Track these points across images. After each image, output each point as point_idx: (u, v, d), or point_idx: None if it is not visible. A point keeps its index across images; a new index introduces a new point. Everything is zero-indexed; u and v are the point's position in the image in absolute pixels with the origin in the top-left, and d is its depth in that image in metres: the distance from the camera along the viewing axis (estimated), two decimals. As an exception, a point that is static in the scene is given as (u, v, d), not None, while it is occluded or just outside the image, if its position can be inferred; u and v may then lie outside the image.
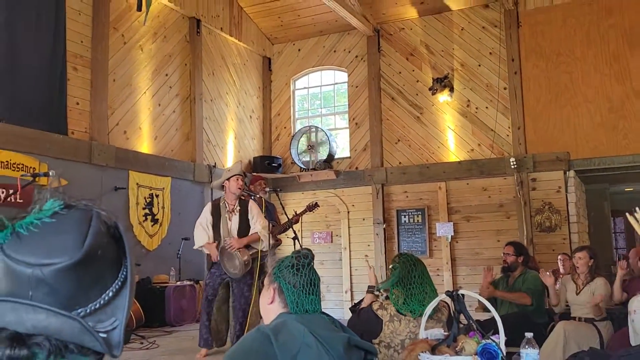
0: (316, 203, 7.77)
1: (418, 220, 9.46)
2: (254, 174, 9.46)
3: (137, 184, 7.69)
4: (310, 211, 7.57)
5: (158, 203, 8.04)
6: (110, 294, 0.90)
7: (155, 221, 7.95)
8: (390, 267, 3.19)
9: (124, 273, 0.92)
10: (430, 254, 9.28)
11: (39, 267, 0.83)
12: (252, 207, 5.76)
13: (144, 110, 8.04)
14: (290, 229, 6.64)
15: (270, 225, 6.15)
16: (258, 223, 5.65)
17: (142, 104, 8.03)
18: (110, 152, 7.29)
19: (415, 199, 9.54)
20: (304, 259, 2.09)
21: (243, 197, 5.83)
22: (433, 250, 9.31)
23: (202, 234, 5.60)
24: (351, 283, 9.75)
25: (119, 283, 0.91)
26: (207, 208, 5.72)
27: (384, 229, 9.60)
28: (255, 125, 10.64)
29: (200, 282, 7.74)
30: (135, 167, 7.68)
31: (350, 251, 9.85)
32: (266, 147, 10.73)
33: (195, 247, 5.74)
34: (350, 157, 10.17)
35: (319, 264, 9.89)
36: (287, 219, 6.78)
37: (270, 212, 6.85)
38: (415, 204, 9.53)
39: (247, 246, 5.63)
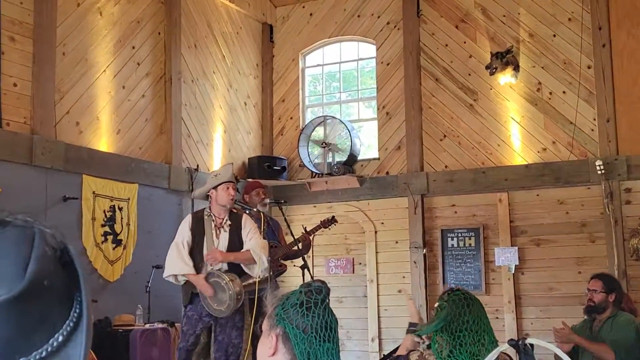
0: (333, 217, 7.76)
1: (470, 244, 9.42)
2: (250, 180, 9.45)
3: (94, 192, 7.72)
4: (325, 228, 7.56)
5: (121, 218, 8.05)
6: (60, 338, 0.90)
7: (117, 242, 7.97)
8: (435, 305, 3.20)
9: (77, 310, 0.93)
10: (487, 290, 9.23)
11: None
12: (247, 221, 5.85)
13: (103, 94, 8.08)
14: (300, 255, 6.64)
15: (272, 246, 6.18)
16: (252, 239, 5.73)
17: (101, 86, 8.06)
18: (57, 150, 7.32)
19: (466, 215, 9.51)
20: (316, 294, 2.11)
21: (234, 210, 5.85)
22: (490, 285, 9.26)
23: (177, 259, 5.63)
24: (379, 328, 9.73)
25: (71, 324, 0.91)
26: (186, 222, 5.78)
27: (425, 255, 9.56)
28: (252, 115, 10.66)
29: (176, 324, 7.75)
30: (91, 171, 7.70)
31: (378, 285, 9.83)
32: (266, 144, 10.76)
33: (165, 276, 5.77)
34: (378, 159, 10.16)
35: (336, 301, 9.85)
36: (292, 238, 6.78)
37: (272, 232, 6.86)
38: (466, 222, 9.49)
39: (239, 273, 5.64)
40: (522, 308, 9.08)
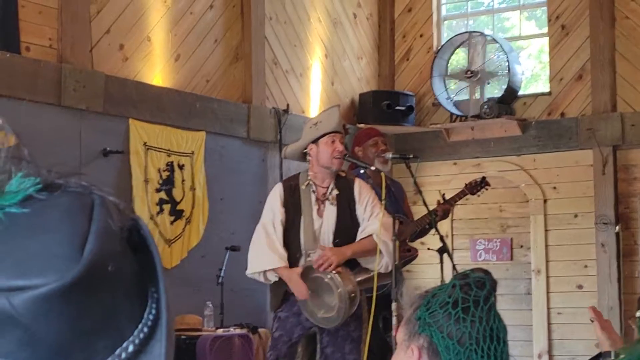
0: (484, 179, 7.68)
1: (688, 219, 9.29)
2: (363, 125, 9.43)
3: (145, 144, 7.87)
4: (471, 194, 7.49)
5: (183, 180, 8.21)
6: (131, 348, 0.91)
7: (177, 214, 8.14)
8: (637, 315, 3.24)
9: (154, 311, 0.95)
10: None
11: (4, 293, 0.84)
12: (362, 189, 5.89)
13: (156, 4, 8.18)
14: (434, 229, 6.66)
15: (397, 222, 6.18)
16: (375, 218, 5.72)
17: (153, -6, 8.18)
18: (95, 85, 7.44)
19: (682, 177, 9.37)
20: (477, 289, 2.16)
21: (343, 173, 5.84)
22: None
23: (266, 249, 5.67)
24: (549, 340, 9.75)
25: (145, 329, 0.93)
26: (276, 195, 5.83)
27: (618, 234, 9.46)
28: (364, 31, 10.65)
29: (260, 330, 7.87)
30: (142, 113, 7.85)
31: (548, 278, 9.83)
32: (385, 74, 10.80)
33: (250, 273, 5.81)
34: (550, 94, 10.13)
35: (488, 301, 9.83)
36: (426, 211, 6.77)
37: (395, 199, 6.85)
38: (682, 187, 9.35)
39: (352, 266, 5.64)
40: None
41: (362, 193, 5.85)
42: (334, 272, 5.57)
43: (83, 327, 0.88)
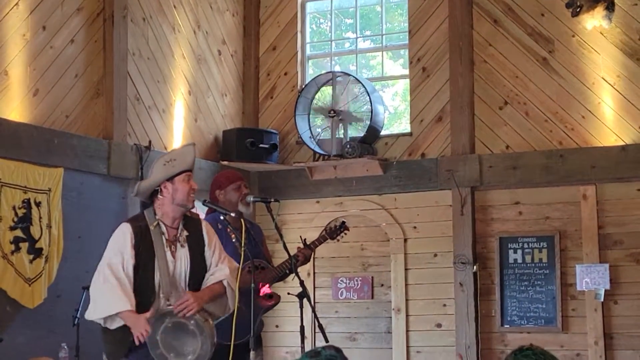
0: (343, 223, 7.71)
1: (541, 259, 9.45)
2: (226, 163, 9.40)
3: (0, 180, 7.68)
4: (332, 239, 7.50)
5: (40, 218, 8.00)
6: None
7: (37, 252, 7.92)
8: None
9: None
10: (564, 325, 9.26)
11: None
12: (209, 231, 5.90)
13: (14, 38, 8.00)
14: (293, 272, 6.63)
15: (257, 266, 6.16)
16: (223, 263, 5.78)
17: (11, 25, 7.99)
18: (-52, 120, 7.29)
19: (535, 218, 9.54)
20: None
21: (189, 213, 5.90)
22: (569, 319, 9.28)
23: (117, 292, 5.52)
24: (409, 380, 9.76)
25: None
26: (126, 237, 5.66)
27: (475, 274, 9.58)
28: (229, 68, 10.63)
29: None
30: (-3, 149, 7.66)
31: (407, 316, 9.86)
32: (249, 112, 10.80)
33: (92, 318, 5.64)
34: (411, 135, 10.19)
35: (348, 339, 9.93)
36: (286, 254, 6.77)
37: (255, 242, 6.82)
38: (536, 228, 9.52)
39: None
40: (614, 352, 9.04)
41: (210, 235, 5.84)
42: (201, 319, 5.53)
43: None
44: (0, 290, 7.55)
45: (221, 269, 5.76)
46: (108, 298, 5.55)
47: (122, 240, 5.66)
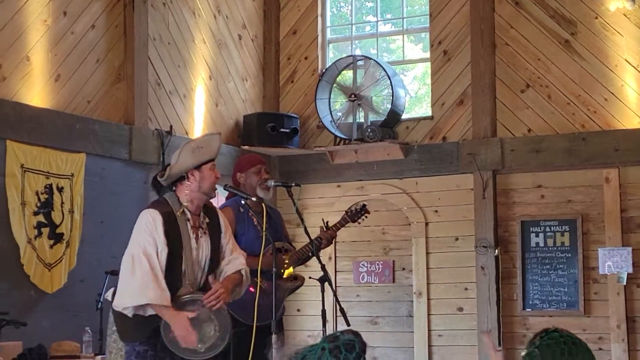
0: (364, 206, 7.72)
1: (563, 243, 9.47)
2: (247, 147, 9.42)
3: (22, 166, 7.73)
4: (353, 222, 7.51)
5: (62, 203, 8.08)
6: None
7: (57, 237, 7.99)
8: (522, 355, 3.27)
9: None
10: (586, 309, 9.28)
11: None
12: (224, 220, 5.95)
13: (35, 24, 8.04)
14: (315, 256, 6.67)
15: (280, 249, 6.18)
16: (237, 252, 5.86)
17: (33, 11, 8.02)
18: (-30, 105, 7.32)
19: (557, 201, 9.55)
20: (346, 352, 2.13)
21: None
22: (591, 302, 9.30)
23: (152, 283, 5.44)
24: (431, 364, 9.81)
25: None
26: (157, 223, 5.54)
27: (497, 257, 9.59)
28: (249, 53, 10.64)
29: (139, 356, 7.75)
30: (19, 135, 7.70)
31: (429, 300, 9.91)
32: (269, 96, 10.82)
33: (120, 308, 5.60)
34: (432, 118, 10.22)
35: (370, 322, 9.99)
36: (307, 238, 6.80)
37: (275, 226, 6.82)
38: (558, 211, 9.54)
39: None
40: (637, 335, 9.07)
41: (226, 224, 5.91)
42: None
43: None
44: (25, 275, 7.64)
45: (236, 258, 5.82)
46: (145, 288, 5.42)
47: (153, 227, 5.56)
